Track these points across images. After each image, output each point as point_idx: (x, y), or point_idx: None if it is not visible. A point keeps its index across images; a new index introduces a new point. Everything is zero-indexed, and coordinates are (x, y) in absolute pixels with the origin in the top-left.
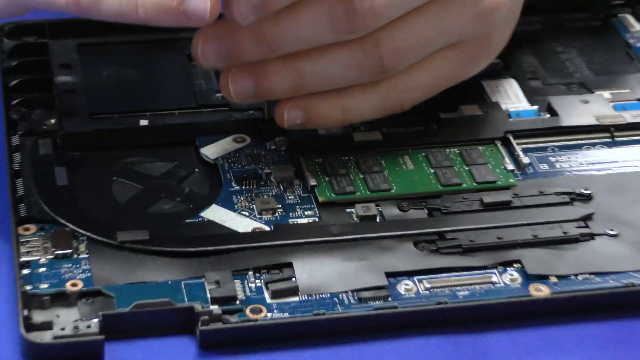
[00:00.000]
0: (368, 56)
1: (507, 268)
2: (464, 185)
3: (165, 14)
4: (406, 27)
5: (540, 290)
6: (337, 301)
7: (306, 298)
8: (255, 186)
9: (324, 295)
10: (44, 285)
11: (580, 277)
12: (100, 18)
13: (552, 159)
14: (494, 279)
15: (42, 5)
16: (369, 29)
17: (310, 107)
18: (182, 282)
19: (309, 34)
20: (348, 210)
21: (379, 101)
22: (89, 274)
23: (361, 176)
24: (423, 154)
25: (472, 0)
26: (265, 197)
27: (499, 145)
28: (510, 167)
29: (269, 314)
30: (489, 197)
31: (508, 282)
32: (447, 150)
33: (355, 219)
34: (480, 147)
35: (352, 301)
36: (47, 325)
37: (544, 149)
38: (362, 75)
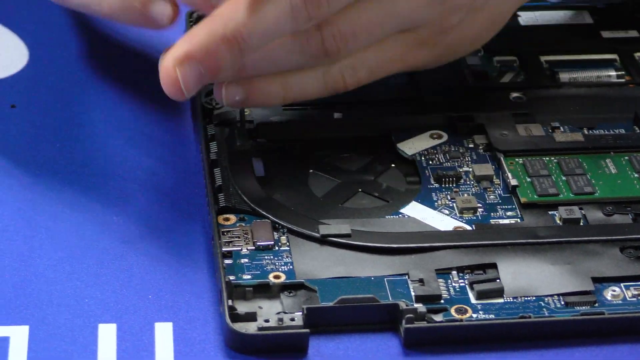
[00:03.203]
0: (310, 40)
1: None
2: None
3: (128, 13)
4: (353, 11)
5: None
6: (542, 304)
7: (511, 300)
8: (454, 184)
9: (529, 298)
10: (246, 276)
11: None
12: (65, 5)
13: None
14: None
15: None
16: (325, 16)
17: (250, 84)
18: (385, 279)
19: (273, 27)
20: (550, 212)
21: (320, 78)
22: (290, 267)
23: (563, 178)
24: (626, 157)
25: None
26: (466, 195)
27: None
28: None
29: (474, 315)
30: None
31: None
32: None
33: (558, 221)
34: None
35: (558, 305)
36: (251, 317)
37: None
38: (305, 58)
